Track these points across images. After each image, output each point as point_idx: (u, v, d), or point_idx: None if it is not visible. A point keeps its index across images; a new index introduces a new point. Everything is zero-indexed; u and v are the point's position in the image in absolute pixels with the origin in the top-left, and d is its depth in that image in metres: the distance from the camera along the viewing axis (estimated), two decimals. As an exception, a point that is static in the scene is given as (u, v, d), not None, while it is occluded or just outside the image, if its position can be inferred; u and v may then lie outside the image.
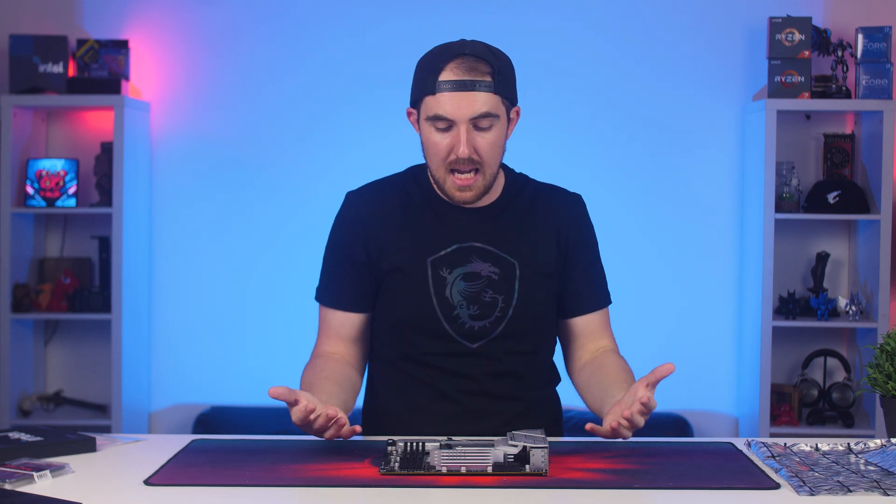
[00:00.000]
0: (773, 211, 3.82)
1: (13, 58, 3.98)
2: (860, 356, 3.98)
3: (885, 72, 3.85)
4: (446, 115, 1.91)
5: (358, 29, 4.09)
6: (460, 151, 1.91)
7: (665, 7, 4.07)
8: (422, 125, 1.97)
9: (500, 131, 1.96)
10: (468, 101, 1.90)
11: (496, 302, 2.00)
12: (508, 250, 2.02)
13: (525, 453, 1.69)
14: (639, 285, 4.05)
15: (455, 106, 1.90)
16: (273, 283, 4.08)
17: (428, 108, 1.93)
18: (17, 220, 3.96)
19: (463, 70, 1.91)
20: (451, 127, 1.92)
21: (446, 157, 1.94)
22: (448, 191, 1.98)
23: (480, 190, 1.97)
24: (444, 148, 1.93)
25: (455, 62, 1.91)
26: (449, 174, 1.96)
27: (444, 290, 2.00)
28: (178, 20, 4.12)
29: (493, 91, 1.92)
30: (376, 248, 2.03)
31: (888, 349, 1.94)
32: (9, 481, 1.61)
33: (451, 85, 1.90)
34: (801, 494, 1.57)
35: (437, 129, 1.93)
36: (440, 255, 2.01)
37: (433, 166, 1.98)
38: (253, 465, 1.75)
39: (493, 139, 1.94)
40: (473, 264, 2.01)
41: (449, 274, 2.00)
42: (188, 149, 4.12)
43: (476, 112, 1.91)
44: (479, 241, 2.02)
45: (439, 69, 1.91)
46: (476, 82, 1.91)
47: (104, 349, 3.99)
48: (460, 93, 1.90)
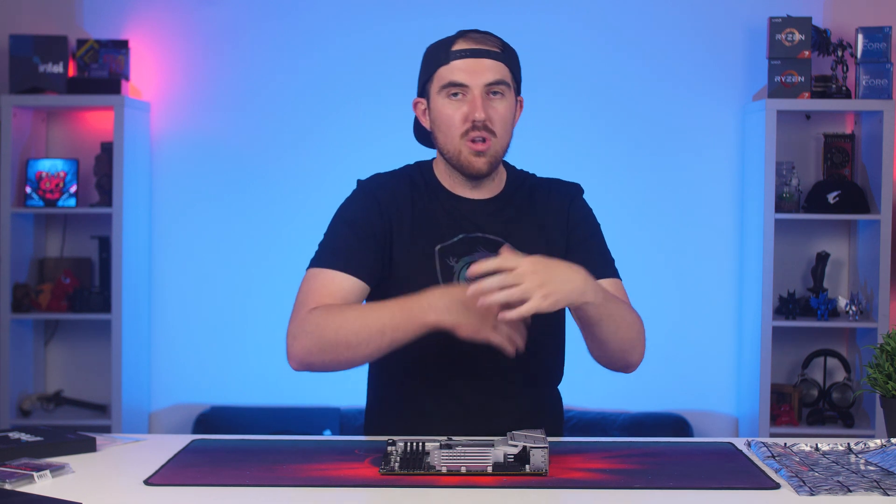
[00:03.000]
0: (773, 211, 3.82)
1: (13, 58, 3.98)
2: (860, 356, 3.98)
3: (885, 72, 3.85)
4: (461, 81, 1.98)
5: (358, 29, 4.09)
6: (477, 115, 1.96)
7: (665, 7, 4.07)
8: (434, 101, 2.02)
9: (510, 104, 2.03)
10: (482, 67, 1.98)
11: None
12: (514, 241, 2.03)
13: (525, 453, 1.69)
14: (639, 285, 4.02)
15: (469, 72, 1.98)
16: (273, 283, 4.08)
17: (441, 78, 2.00)
18: (17, 220, 3.96)
19: (474, 41, 2.00)
20: (465, 95, 1.98)
21: (462, 126, 1.99)
22: (464, 160, 2.00)
23: (493, 158, 2.01)
24: (460, 117, 1.99)
25: (466, 36, 2.01)
26: (464, 143, 1.99)
27: (451, 279, 2.02)
28: (178, 20, 4.12)
29: (503, 62, 2.00)
30: (388, 232, 2.04)
31: (888, 349, 1.94)
32: (9, 481, 1.61)
33: (464, 52, 1.99)
34: (801, 494, 1.57)
35: (451, 100, 1.99)
36: (448, 243, 2.03)
37: (448, 140, 2.01)
38: (253, 465, 1.75)
39: (504, 109, 2.01)
40: (480, 254, 2.02)
41: (456, 263, 2.02)
42: (188, 149, 4.12)
43: (489, 78, 1.99)
44: (484, 232, 2.04)
45: (451, 42, 2.01)
46: (488, 51, 1.99)
47: (104, 349, 3.99)
48: (474, 59, 1.98)
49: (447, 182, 2.08)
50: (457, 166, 2.02)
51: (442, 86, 1.99)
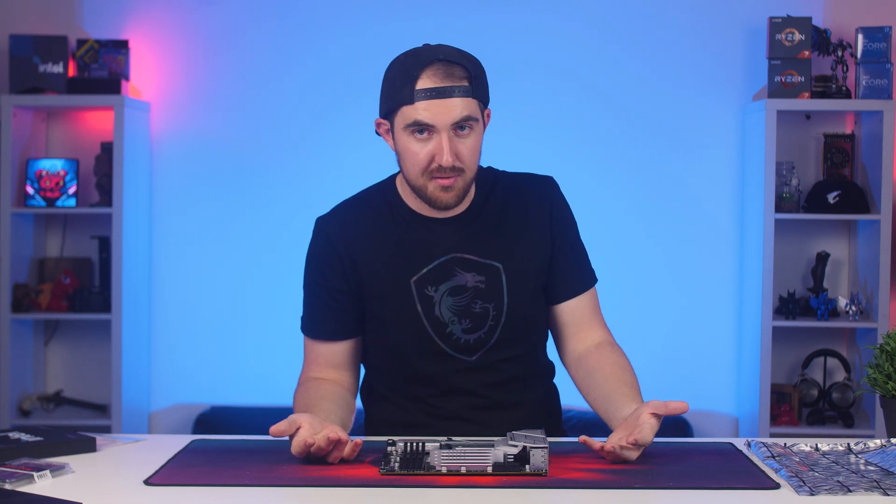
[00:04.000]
0: (773, 211, 3.82)
1: (13, 58, 3.98)
2: (860, 356, 3.98)
3: (885, 72, 3.85)
4: (427, 122, 1.87)
5: (358, 29, 4.09)
6: (444, 160, 1.88)
7: (665, 7, 4.07)
8: (398, 135, 1.92)
9: (478, 136, 1.94)
10: (447, 107, 1.87)
11: (487, 312, 1.99)
12: (490, 254, 2.00)
13: (525, 453, 1.69)
14: (639, 285, 4.05)
15: (435, 113, 1.87)
16: (273, 282, 4.08)
17: (405, 115, 1.89)
18: (17, 220, 3.96)
19: (440, 77, 1.87)
20: (431, 135, 1.89)
21: (427, 166, 1.90)
22: (430, 195, 1.93)
23: (461, 191, 1.93)
24: (425, 156, 1.90)
25: (430, 69, 1.88)
26: (430, 180, 1.92)
27: (433, 310, 1.98)
28: (178, 20, 4.12)
29: (471, 95, 1.89)
30: (354, 274, 2.00)
31: (888, 349, 1.94)
32: (9, 481, 1.61)
33: (429, 93, 1.86)
34: (801, 494, 1.57)
35: (416, 137, 1.90)
36: (422, 273, 1.98)
37: (412, 176, 1.93)
38: (253, 465, 1.75)
39: (472, 144, 1.92)
40: (458, 277, 1.98)
41: (435, 292, 1.98)
42: (188, 149, 4.12)
43: (456, 118, 1.88)
44: (458, 252, 1.99)
45: (415, 77, 1.88)
46: (454, 88, 1.88)
47: (104, 349, 3.99)
48: (439, 100, 1.87)
49: (413, 203, 2.01)
50: (422, 198, 1.95)
51: (406, 124, 1.89)
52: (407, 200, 2.02)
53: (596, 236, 2.21)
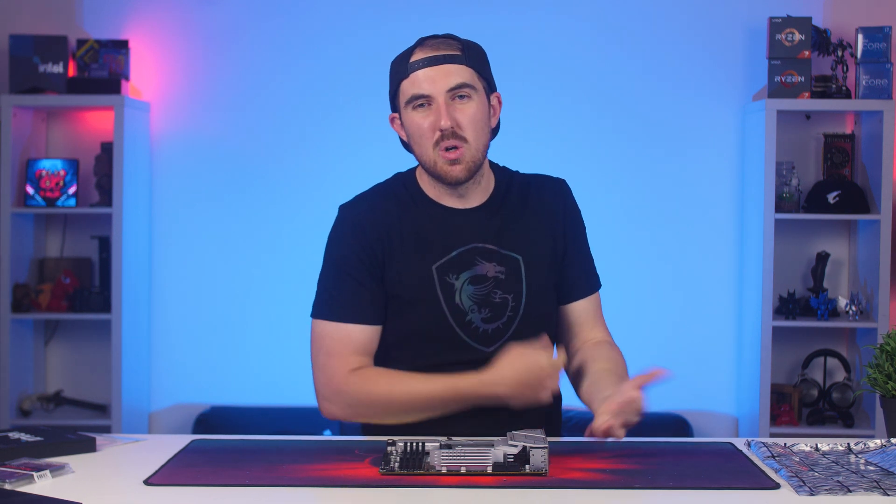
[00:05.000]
0: (773, 211, 3.82)
1: (13, 58, 3.98)
2: (860, 356, 3.98)
3: (885, 72, 3.85)
4: (423, 92, 1.95)
5: (358, 29, 4.09)
6: (442, 123, 1.93)
7: (665, 7, 4.07)
8: (404, 116, 1.99)
9: (480, 106, 1.98)
10: (442, 73, 1.95)
11: (506, 302, 2.01)
12: (510, 246, 2.03)
13: (525, 453, 1.69)
14: (639, 285, 4.05)
15: (430, 81, 1.95)
16: (273, 283, 4.08)
17: (405, 91, 1.97)
18: (17, 220, 3.96)
19: (432, 48, 1.97)
20: (431, 104, 1.95)
21: (432, 136, 1.95)
22: (440, 170, 1.97)
23: (470, 164, 1.97)
24: (428, 127, 1.95)
25: (424, 45, 1.98)
26: (438, 154, 1.96)
27: (453, 297, 1.99)
28: (178, 20, 4.12)
29: (464, 63, 1.97)
30: (381, 259, 2.01)
31: (888, 349, 1.94)
32: (9, 481, 1.61)
33: (423, 62, 1.96)
34: (801, 494, 1.57)
35: (418, 111, 1.96)
36: (444, 260, 2.00)
37: (422, 151, 1.98)
38: (253, 465, 1.75)
39: (472, 112, 1.96)
40: (479, 266, 2.01)
41: (456, 280, 2.00)
42: (188, 149, 4.12)
43: (451, 83, 1.95)
44: (479, 242, 2.02)
45: (410, 53, 1.98)
46: (447, 56, 1.96)
47: (104, 349, 3.99)
48: (433, 67, 1.95)
49: (433, 192, 2.05)
50: (435, 176, 1.99)
51: (407, 100, 1.97)
52: (427, 191, 2.05)
53: (595, 236, 2.21)
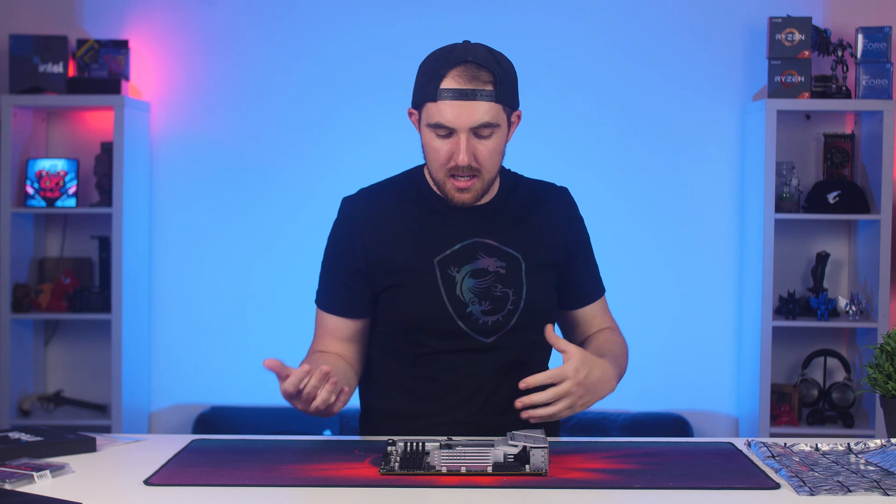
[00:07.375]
0: (773, 211, 3.82)
1: (13, 58, 3.98)
2: (860, 356, 3.98)
3: (885, 72, 3.85)
4: (447, 124, 1.92)
5: (359, 29, 4.09)
6: (460, 160, 1.93)
7: (665, 7, 4.07)
8: (423, 130, 1.98)
9: (500, 139, 1.98)
10: (469, 110, 1.91)
11: (507, 296, 2.02)
12: (511, 244, 2.04)
13: (525, 453, 1.69)
14: (639, 285, 4.05)
15: (456, 115, 1.91)
16: (273, 282, 4.08)
17: (429, 114, 1.94)
18: (17, 220, 3.96)
19: (465, 79, 1.91)
20: (452, 134, 1.94)
21: (446, 163, 1.95)
22: (448, 192, 1.99)
23: (478, 192, 1.99)
24: (445, 154, 1.95)
25: (457, 70, 1.92)
26: (448, 178, 1.97)
27: (454, 289, 2.01)
28: (178, 20, 4.12)
29: (494, 100, 1.93)
30: (376, 254, 2.03)
31: (888, 349, 1.94)
32: (9, 481, 1.61)
33: (452, 93, 1.91)
34: (801, 494, 1.57)
35: (437, 135, 1.95)
36: (446, 253, 2.02)
37: (433, 170, 2.00)
38: (253, 465, 1.75)
39: (492, 147, 1.96)
40: (480, 260, 2.02)
41: (457, 272, 2.01)
42: (188, 149, 4.12)
43: (476, 122, 1.92)
44: (482, 237, 2.04)
45: (441, 76, 1.92)
46: (477, 91, 1.91)
47: (104, 349, 3.99)
48: (461, 101, 1.91)
49: (439, 190, 2.05)
50: (442, 193, 2.01)
51: (429, 123, 1.94)
52: (433, 187, 2.06)
53: (596, 236, 2.22)
